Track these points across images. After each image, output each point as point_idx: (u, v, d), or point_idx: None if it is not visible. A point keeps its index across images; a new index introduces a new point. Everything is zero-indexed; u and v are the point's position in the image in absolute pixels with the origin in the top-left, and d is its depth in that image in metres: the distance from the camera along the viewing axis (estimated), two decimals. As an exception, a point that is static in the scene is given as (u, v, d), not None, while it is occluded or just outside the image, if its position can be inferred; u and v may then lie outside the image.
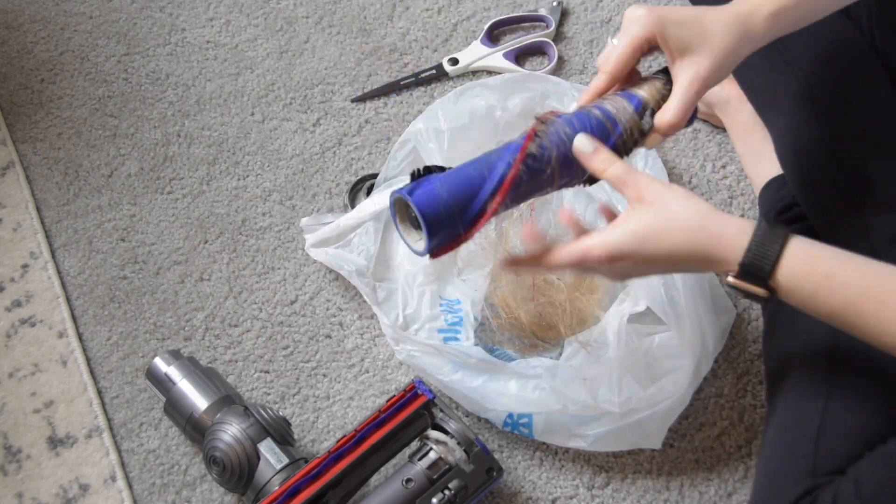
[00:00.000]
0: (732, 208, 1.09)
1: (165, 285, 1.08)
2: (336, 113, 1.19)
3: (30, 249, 1.10)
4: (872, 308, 0.63)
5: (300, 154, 1.16)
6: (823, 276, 0.64)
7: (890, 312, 0.63)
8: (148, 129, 1.18)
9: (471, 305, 1.00)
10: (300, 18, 1.27)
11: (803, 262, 0.65)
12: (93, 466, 0.97)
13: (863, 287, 0.64)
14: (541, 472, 0.96)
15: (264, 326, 1.05)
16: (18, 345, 1.04)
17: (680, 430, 0.97)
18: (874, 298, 0.63)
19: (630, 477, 0.95)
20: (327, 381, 1.02)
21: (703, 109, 1.14)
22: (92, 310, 1.06)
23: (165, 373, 0.95)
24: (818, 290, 0.64)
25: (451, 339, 0.97)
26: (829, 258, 0.65)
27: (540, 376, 0.92)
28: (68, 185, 1.14)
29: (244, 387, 1.02)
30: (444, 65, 1.21)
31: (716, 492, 0.94)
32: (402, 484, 0.86)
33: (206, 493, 0.96)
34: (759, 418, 0.98)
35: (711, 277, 1.00)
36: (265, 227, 1.11)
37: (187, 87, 1.22)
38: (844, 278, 0.64)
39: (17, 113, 1.20)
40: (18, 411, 1.00)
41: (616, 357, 0.92)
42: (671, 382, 0.90)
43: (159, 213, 1.12)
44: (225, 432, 0.88)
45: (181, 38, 1.25)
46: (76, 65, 1.23)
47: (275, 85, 1.21)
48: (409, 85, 1.20)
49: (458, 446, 0.88)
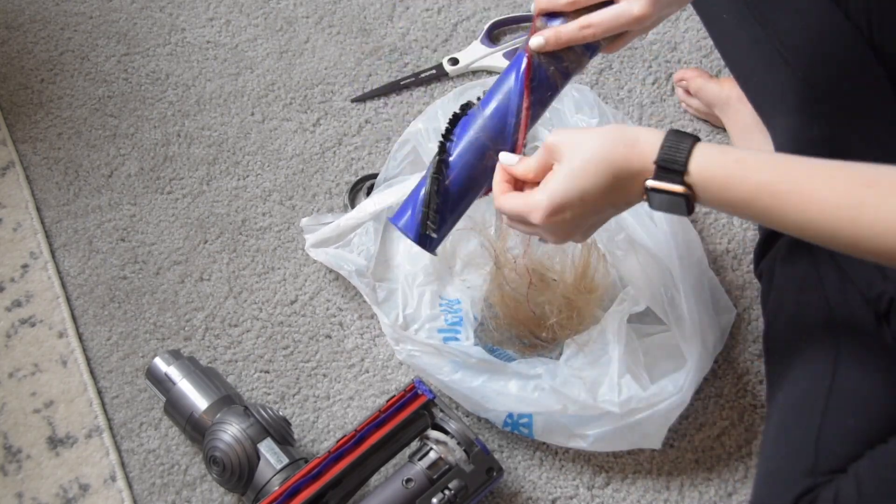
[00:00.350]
0: (732, 208, 1.09)
1: (165, 285, 1.08)
2: (336, 113, 1.19)
3: (30, 249, 1.10)
4: (785, 189, 0.64)
5: (300, 154, 1.16)
6: (735, 161, 0.66)
7: (802, 192, 0.63)
8: (148, 129, 1.18)
9: (470, 305, 1.00)
10: (300, 18, 1.27)
11: (715, 152, 0.67)
12: (93, 466, 0.97)
13: (775, 169, 0.65)
14: (541, 472, 0.96)
15: (264, 326, 1.05)
16: (18, 345, 1.04)
17: (680, 430, 0.97)
18: (787, 180, 0.64)
19: (630, 477, 0.95)
20: (327, 381, 1.02)
21: (702, 109, 1.14)
22: (92, 310, 1.06)
23: (165, 373, 0.95)
24: (731, 177, 0.66)
25: (451, 338, 0.97)
26: (738, 149, 0.68)
27: (540, 376, 0.92)
28: (68, 185, 1.14)
29: (244, 387, 1.02)
30: (445, 65, 1.21)
31: (716, 492, 0.94)
32: (402, 484, 0.86)
33: (206, 493, 0.96)
34: (759, 418, 0.98)
35: (711, 277, 1.00)
36: (265, 227, 1.11)
37: (187, 87, 1.22)
38: (756, 163, 0.66)
39: (17, 113, 1.20)
40: (18, 411, 1.00)
41: (616, 357, 0.92)
42: (671, 382, 0.90)
43: (159, 213, 1.12)
44: (225, 432, 0.88)
45: (181, 38, 1.25)
46: (76, 65, 1.23)
47: (275, 85, 1.21)
48: (409, 85, 1.20)
49: (458, 446, 0.88)
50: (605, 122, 1.03)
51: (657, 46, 1.21)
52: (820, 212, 0.63)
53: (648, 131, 0.70)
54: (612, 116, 1.05)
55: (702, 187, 0.67)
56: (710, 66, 1.19)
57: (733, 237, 1.08)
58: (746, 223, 1.09)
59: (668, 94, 1.18)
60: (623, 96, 1.18)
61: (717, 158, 0.67)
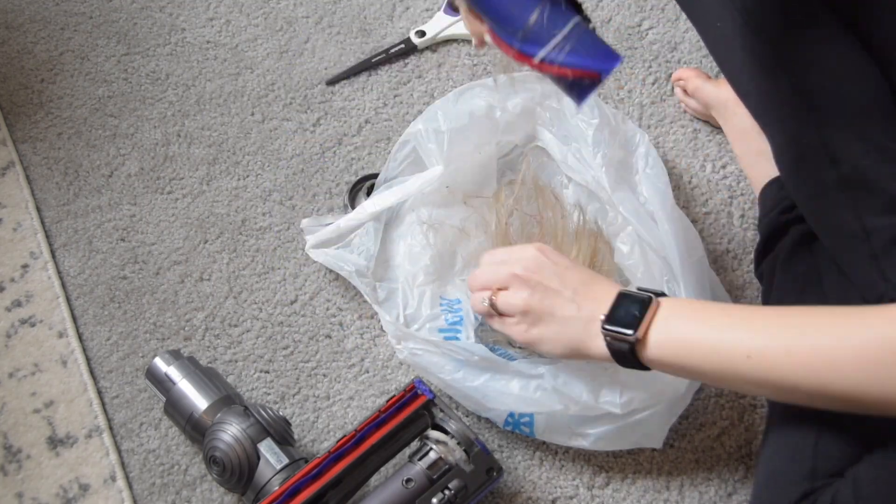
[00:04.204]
0: (732, 208, 1.09)
1: (165, 285, 1.08)
2: (336, 113, 1.19)
3: (30, 249, 1.10)
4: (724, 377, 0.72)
5: (300, 154, 1.16)
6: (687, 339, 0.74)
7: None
8: (148, 129, 1.18)
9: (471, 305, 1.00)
10: (300, 18, 1.27)
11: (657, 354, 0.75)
12: (93, 466, 0.97)
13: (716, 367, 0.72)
14: (541, 472, 0.96)
15: (264, 326, 1.05)
16: (18, 345, 1.04)
17: (680, 430, 0.97)
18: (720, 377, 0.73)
19: (630, 477, 0.95)
20: (327, 381, 1.02)
21: (700, 109, 1.14)
22: (92, 310, 1.06)
23: (165, 373, 0.95)
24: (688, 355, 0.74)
25: (452, 338, 0.97)
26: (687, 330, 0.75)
27: (542, 376, 0.92)
28: (68, 185, 1.14)
29: (244, 387, 1.02)
30: (412, 38, 1.22)
31: (716, 492, 0.94)
32: (402, 484, 0.86)
33: (206, 493, 0.96)
34: (759, 418, 0.98)
35: (712, 277, 1.00)
36: (265, 227, 1.11)
37: (187, 87, 1.22)
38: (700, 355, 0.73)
39: (17, 113, 1.20)
40: (18, 411, 1.00)
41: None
42: (671, 382, 0.90)
43: (159, 213, 1.12)
44: (225, 432, 0.88)
45: (181, 38, 1.25)
46: (76, 65, 1.23)
47: (275, 85, 1.21)
48: (380, 62, 1.21)
49: (458, 446, 0.88)
50: (605, 123, 1.03)
51: (657, 46, 1.22)
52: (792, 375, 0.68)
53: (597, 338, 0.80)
54: (612, 116, 1.05)
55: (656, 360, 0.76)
56: (710, 67, 1.19)
57: (733, 237, 1.08)
58: (746, 223, 1.09)
59: (668, 94, 1.18)
60: (623, 96, 1.18)
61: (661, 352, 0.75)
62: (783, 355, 0.67)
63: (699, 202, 1.10)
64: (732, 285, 1.05)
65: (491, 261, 0.88)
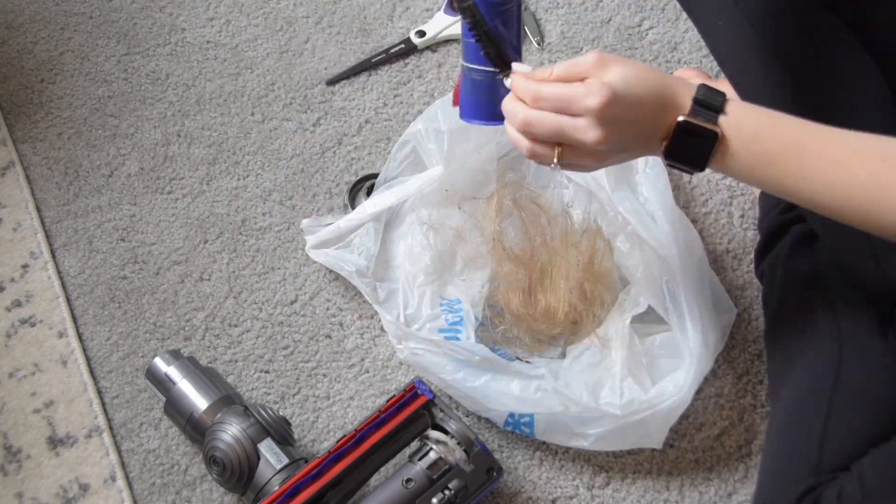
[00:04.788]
0: (732, 208, 1.09)
1: (165, 285, 1.08)
2: (336, 113, 1.19)
3: (30, 249, 1.10)
4: (810, 150, 0.66)
5: (300, 154, 1.16)
6: (768, 116, 0.68)
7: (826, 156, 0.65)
8: (148, 129, 1.18)
9: (471, 305, 1.00)
10: (300, 18, 1.27)
11: (749, 106, 0.69)
12: (93, 466, 0.97)
13: (803, 131, 0.67)
14: (541, 472, 0.96)
15: (264, 326, 1.05)
16: (18, 345, 1.04)
17: (680, 430, 0.97)
18: (814, 141, 0.66)
19: (630, 477, 0.95)
20: (327, 381, 1.02)
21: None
22: (92, 310, 1.06)
23: (165, 373, 0.95)
24: (764, 128, 0.68)
25: (452, 338, 0.97)
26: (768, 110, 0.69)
27: (542, 377, 0.92)
28: (68, 185, 1.14)
29: (244, 387, 1.02)
30: (412, 38, 1.22)
31: (716, 492, 0.94)
32: (402, 484, 0.86)
33: (206, 493, 0.96)
34: (759, 418, 0.98)
35: (712, 277, 1.00)
36: (265, 227, 1.11)
37: (187, 87, 1.22)
38: (787, 121, 0.68)
39: (17, 113, 1.20)
40: (18, 411, 1.00)
41: (619, 360, 0.92)
42: (672, 382, 0.90)
43: (159, 213, 1.12)
44: (225, 432, 0.88)
45: (181, 38, 1.25)
46: (76, 65, 1.23)
47: (275, 85, 1.21)
48: (380, 62, 1.21)
49: (458, 446, 0.88)
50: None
51: (657, 46, 1.22)
52: (835, 180, 0.64)
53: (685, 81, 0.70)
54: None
55: (733, 133, 0.67)
56: (710, 67, 1.19)
57: (733, 237, 1.08)
58: (746, 223, 1.09)
59: (669, 94, 1.18)
60: (623, 96, 1.18)
61: (752, 110, 0.68)
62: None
63: (699, 202, 1.10)
64: (732, 285, 1.05)
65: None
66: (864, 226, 0.65)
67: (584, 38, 1.22)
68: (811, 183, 0.66)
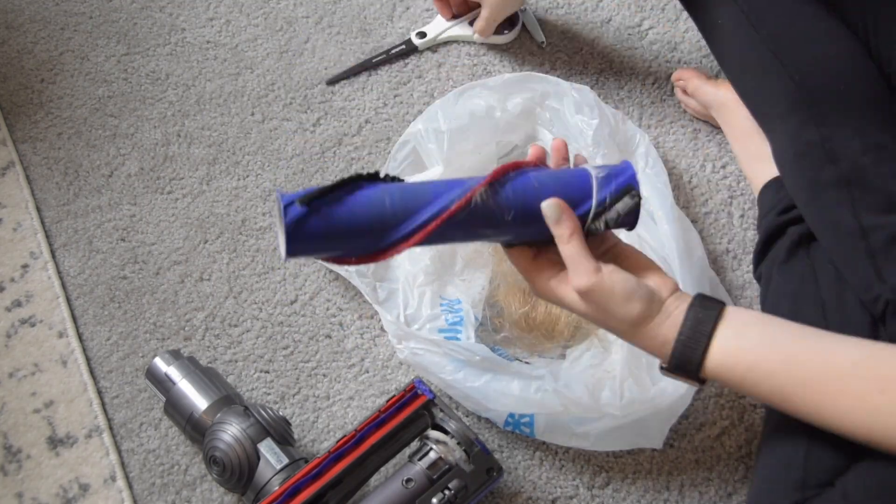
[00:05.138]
0: (732, 208, 1.09)
1: (165, 285, 1.08)
2: (336, 113, 1.19)
3: (30, 249, 1.10)
4: (798, 393, 0.67)
5: (300, 154, 1.16)
6: (746, 369, 0.68)
7: (814, 395, 0.66)
8: (148, 129, 1.18)
9: (471, 305, 1.00)
10: (300, 18, 1.27)
11: (725, 358, 0.68)
12: (93, 466, 0.97)
13: (785, 375, 0.67)
14: (541, 472, 0.96)
15: (264, 326, 1.05)
16: (18, 345, 1.04)
17: (680, 430, 0.97)
18: (798, 384, 0.67)
19: (630, 477, 0.95)
20: (327, 381, 1.02)
21: (700, 111, 1.14)
22: (92, 310, 1.06)
23: (165, 373, 0.95)
24: (743, 382, 0.69)
25: (452, 338, 0.97)
26: (753, 349, 0.68)
27: (543, 377, 0.92)
28: (68, 185, 1.14)
29: (244, 387, 1.02)
30: (413, 39, 1.22)
31: (716, 492, 0.94)
32: (402, 484, 0.86)
33: (206, 493, 0.96)
34: (758, 418, 0.98)
35: (712, 277, 1.00)
36: (265, 227, 1.11)
37: (187, 87, 1.22)
38: (767, 369, 0.68)
39: (17, 113, 1.20)
40: (18, 411, 1.00)
41: (618, 360, 0.92)
42: (672, 382, 0.90)
43: (159, 213, 1.12)
44: (225, 432, 0.88)
45: (181, 38, 1.25)
46: (76, 65, 1.23)
47: (275, 85, 1.21)
48: (380, 63, 1.21)
49: (458, 446, 0.88)
50: (605, 123, 1.03)
51: (657, 46, 1.22)
52: (833, 416, 0.66)
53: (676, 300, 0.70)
54: (612, 116, 1.05)
55: (718, 376, 0.70)
56: (710, 66, 1.19)
57: (733, 237, 1.08)
58: (746, 223, 1.09)
59: (668, 95, 1.18)
60: (623, 96, 1.18)
61: (730, 367, 0.68)
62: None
63: (699, 202, 1.10)
64: (732, 285, 1.05)
65: None
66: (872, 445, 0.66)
67: (585, 39, 1.23)
68: (805, 416, 0.68)
